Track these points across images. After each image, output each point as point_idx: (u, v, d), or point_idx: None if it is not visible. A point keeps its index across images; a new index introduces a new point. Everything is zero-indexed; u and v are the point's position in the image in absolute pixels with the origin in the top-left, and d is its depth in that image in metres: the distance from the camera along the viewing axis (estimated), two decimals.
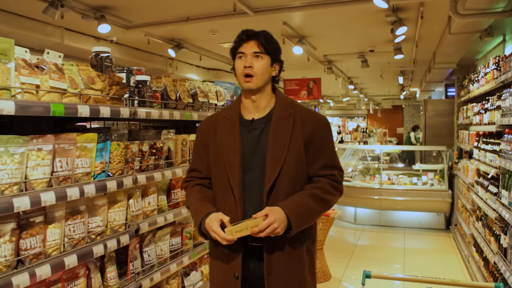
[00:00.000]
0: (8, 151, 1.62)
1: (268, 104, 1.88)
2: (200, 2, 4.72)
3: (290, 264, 1.78)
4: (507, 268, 3.23)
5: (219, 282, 1.83)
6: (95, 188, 1.96)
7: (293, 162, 1.79)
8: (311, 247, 1.90)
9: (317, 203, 1.77)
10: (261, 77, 1.81)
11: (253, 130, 1.85)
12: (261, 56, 1.81)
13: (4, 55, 1.61)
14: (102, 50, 2.29)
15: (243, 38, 1.82)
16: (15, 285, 1.56)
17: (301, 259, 1.82)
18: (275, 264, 1.75)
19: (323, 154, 1.84)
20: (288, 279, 1.78)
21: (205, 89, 3.03)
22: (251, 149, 1.81)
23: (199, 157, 1.95)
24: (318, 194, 1.78)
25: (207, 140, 1.91)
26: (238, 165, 1.78)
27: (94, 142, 2.02)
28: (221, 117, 1.92)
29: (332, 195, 1.83)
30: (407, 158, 11.09)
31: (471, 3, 4.00)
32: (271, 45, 1.84)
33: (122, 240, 2.15)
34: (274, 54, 1.86)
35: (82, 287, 1.95)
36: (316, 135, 1.84)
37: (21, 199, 1.61)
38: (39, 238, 1.75)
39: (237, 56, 1.84)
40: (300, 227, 1.73)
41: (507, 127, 3.83)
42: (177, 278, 2.73)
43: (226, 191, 1.80)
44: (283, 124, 1.82)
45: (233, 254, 1.76)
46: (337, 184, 1.84)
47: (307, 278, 1.84)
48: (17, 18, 4.88)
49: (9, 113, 1.56)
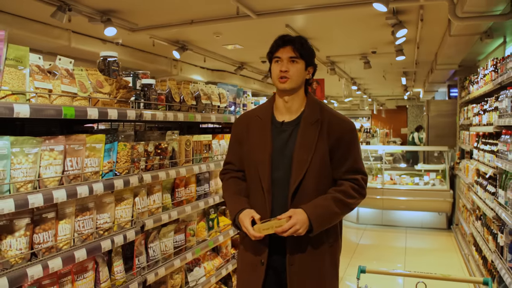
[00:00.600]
0: (23, 151, 1.74)
1: (299, 107, 2.01)
2: (204, 6, 4.83)
3: (311, 258, 1.93)
4: (503, 266, 3.30)
5: (246, 267, 2.02)
6: (103, 186, 2.07)
7: (318, 165, 1.91)
8: (334, 243, 2.02)
9: (338, 206, 1.90)
10: (296, 79, 1.95)
11: (282, 132, 1.99)
12: (296, 61, 1.94)
13: (20, 62, 1.73)
14: (110, 54, 2.40)
15: (279, 43, 1.95)
16: (30, 276, 1.68)
17: (322, 254, 1.96)
18: (296, 257, 1.91)
19: (348, 159, 1.96)
20: (308, 271, 1.92)
21: (208, 91, 3.13)
22: (280, 150, 1.96)
23: (233, 151, 2.14)
24: (340, 198, 1.90)
25: (241, 136, 2.08)
26: (268, 163, 1.94)
27: (102, 142, 2.13)
28: (255, 115, 2.08)
29: (354, 198, 1.95)
30: (410, 159, 11.13)
31: (470, 6, 4.07)
32: (306, 50, 1.96)
33: (129, 236, 2.26)
34: (308, 58, 1.98)
35: (91, 280, 2.07)
36: (342, 141, 1.96)
37: (35, 196, 1.72)
38: (51, 233, 1.87)
39: (273, 60, 1.98)
40: (321, 228, 1.88)
41: (504, 128, 3.90)
42: (180, 273, 2.83)
43: (256, 184, 1.97)
44: (310, 129, 1.95)
45: (261, 245, 1.94)
46: (359, 188, 1.97)
47: (327, 271, 1.98)
48: (27, 21, 5.02)
49: (24, 116, 1.67)
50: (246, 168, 2.06)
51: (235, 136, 2.14)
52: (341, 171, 1.97)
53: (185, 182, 2.88)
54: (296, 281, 1.91)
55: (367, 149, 8.86)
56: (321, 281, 1.95)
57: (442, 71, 7.99)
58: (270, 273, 1.97)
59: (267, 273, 1.96)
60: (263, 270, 1.94)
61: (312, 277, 1.93)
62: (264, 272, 1.94)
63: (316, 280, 1.94)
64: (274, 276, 1.97)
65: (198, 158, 3.00)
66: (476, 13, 4.27)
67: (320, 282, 1.95)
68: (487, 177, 4.36)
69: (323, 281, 1.96)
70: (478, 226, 4.68)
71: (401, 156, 10.89)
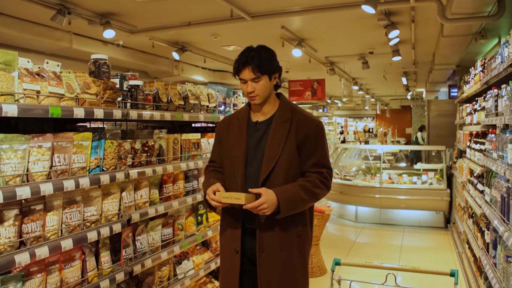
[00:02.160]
0: (12, 148, 1.89)
1: (271, 109, 2.21)
2: (200, 8, 4.96)
3: (280, 246, 2.08)
4: (487, 262, 3.38)
5: (225, 256, 2.21)
6: (89, 181, 2.21)
7: (286, 160, 2.10)
8: (302, 233, 2.17)
9: (306, 193, 2.07)
10: (263, 94, 2.13)
11: (257, 131, 2.19)
12: (259, 79, 2.09)
13: (9, 65, 1.88)
14: (100, 57, 2.55)
15: (239, 66, 2.11)
16: (18, 262, 1.82)
17: (290, 243, 2.10)
18: (265, 244, 2.07)
19: (314, 155, 2.13)
20: (277, 259, 2.08)
21: (197, 92, 3.26)
22: (255, 147, 2.16)
23: (216, 150, 2.35)
24: (307, 186, 2.08)
25: (221, 136, 2.29)
26: (242, 159, 2.13)
27: (89, 140, 2.27)
28: (234, 117, 2.30)
29: (320, 188, 2.11)
30: (413, 158, 11.16)
31: (457, 8, 4.15)
32: (265, 65, 2.09)
33: (115, 228, 2.40)
34: (270, 70, 2.12)
35: (78, 269, 2.21)
36: (309, 138, 2.13)
37: (23, 189, 1.86)
38: (39, 223, 2.01)
39: (240, 81, 2.15)
40: (288, 211, 2.03)
41: (491, 127, 3.98)
42: (168, 265, 2.97)
43: (232, 179, 2.16)
44: (281, 127, 2.14)
45: (235, 233, 2.13)
46: (324, 180, 2.13)
47: (295, 261, 2.12)
48: (28, 24, 5.20)
49: (12, 115, 1.82)
50: (224, 164, 2.26)
51: (217, 136, 2.35)
52: (308, 165, 2.13)
53: (173, 179, 3.02)
54: (265, 269, 2.05)
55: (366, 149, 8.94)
56: (289, 269, 2.08)
57: (441, 71, 8.04)
58: (247, 263, 2.12)
59: (243, 264, 2.11)
60: (239, 260, 2.10)
61: (280, 265, 2.07)
62: (240, 261, 2.10)
63: (284, 268, 2.07)
64: (251, 266, 2.11)
65: (187, 155, 3.13)
66: (465, 15, 4.35)
67: (288, 270, 2.08)
68: (475, 175, 4.44)
69: (292, 270, 2.09)
70: (470, 224, 4.74)
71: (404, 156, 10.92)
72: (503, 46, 3.14)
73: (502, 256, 2.81)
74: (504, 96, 2.99)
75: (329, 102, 17.17)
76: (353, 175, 8.02)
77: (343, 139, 9.50)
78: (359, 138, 9.94)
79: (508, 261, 2.69)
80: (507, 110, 2.88)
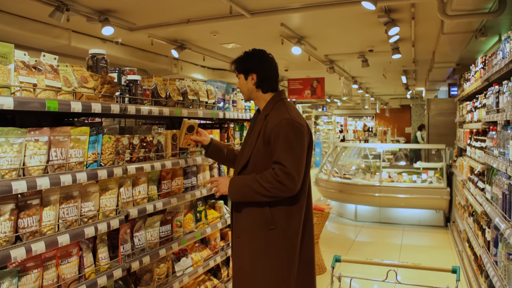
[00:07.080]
0: (8, 141, 1.85)
1: (261, 107, 2.45)
2: (198, 5, 4.93)
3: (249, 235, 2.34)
4: (488, 260, 3.36)
5: None
6: (87, 176, 2.18)
7: (257, 154, 2.33)
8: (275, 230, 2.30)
9: (253, 182, 2.27)
10: (243, 90, 2.48)
11: (253, 127, 2.47)
12: (238, 76, 2.46)
13: (5, 57, 1.84)
14: (98, 52, 2.52)
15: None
16: (13, 257, 1.79)
17: (260, 233, 2.31)
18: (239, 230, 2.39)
19: (274, 151, 2.27)
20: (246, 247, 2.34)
21: (196, 87, 3.23)
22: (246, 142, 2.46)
23: None
24: (257, 178, 2.27)
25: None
26: (240, 153, 2.50)
27: (86, 135, 2.24)
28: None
29: (269, 183, 2.23)
30: (413, 157, 11.15)
31: (458, 4, 4.13)
32: (239, 65, 2.43)
33: (112, 224, 2.37)
34: (244, 70, 2.42)
35: (75, 264, 2.18)
36: (271, 134, 2.27)
37: (19, 183, 1.83)
38: (36, 218, 1.98)
39: None
40: (236, 193, 2.33)
41: (491, 124, 3.96)
42: (167, 262, 2.94)
43: None
44: (259, 123, 2.37)
45: None
46: (275, 175, 2.23)
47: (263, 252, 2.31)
48: (26, 21, 5.17)
49: (8, 108, 1.78)
50: None
51: None
52: (271, 161, 2.28)
53: (172, 175, 2.99)
54: (234, 253, 2.41)
55: (366, 147, 8.93)
56: (252, 257, 2.31)
57: (441, 70, 8.02)
58: None
59: None
60: None
61: (245, 252, 2.32)
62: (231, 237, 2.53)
63: (247, 255, 2.31)
64: None
65: (185, 152, 3.10)
66: (465, 11, 4.33)
67: (251, 257, 2.31)
68: (476, 173, 4.42)
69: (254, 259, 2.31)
70: (470, 223, 4.73)
71: (404, 155, 10.91)
72: (504, 42, 3.12)
73: (503, 254, 2.79)
74: (506, 92, 2.97)
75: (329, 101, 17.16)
76: (352, 174, 8.00)
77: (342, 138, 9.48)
78: (359, 137, 9.92)
79: (509, 258, 2.67)
80: (508, 106, 2.86)
